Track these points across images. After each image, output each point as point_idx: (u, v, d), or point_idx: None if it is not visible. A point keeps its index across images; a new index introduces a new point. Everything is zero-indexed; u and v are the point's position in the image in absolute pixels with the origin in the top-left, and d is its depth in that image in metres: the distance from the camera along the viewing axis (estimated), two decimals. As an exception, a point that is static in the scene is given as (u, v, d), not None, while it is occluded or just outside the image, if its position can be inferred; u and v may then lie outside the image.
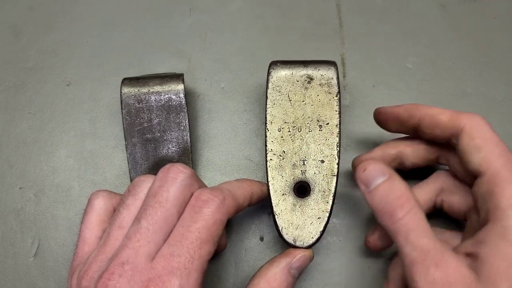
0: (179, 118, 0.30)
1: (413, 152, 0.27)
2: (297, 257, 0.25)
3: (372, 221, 0.31)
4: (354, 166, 0.29)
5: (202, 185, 0.25)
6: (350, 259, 0.30)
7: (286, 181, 0.27)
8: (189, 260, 0.21)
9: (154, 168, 0.30)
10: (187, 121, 0.30)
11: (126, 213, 0.23)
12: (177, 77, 0.31)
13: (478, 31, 0.36)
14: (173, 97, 0.30)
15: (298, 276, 0.26)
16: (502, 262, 0.20)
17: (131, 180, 0.30)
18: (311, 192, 0.27)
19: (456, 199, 0.26)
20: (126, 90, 0.30)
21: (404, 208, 0.22)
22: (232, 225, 0.31)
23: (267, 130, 0.28)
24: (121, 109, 0.30)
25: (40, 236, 0.31)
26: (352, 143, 0.33)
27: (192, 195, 0.23)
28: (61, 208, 0.32)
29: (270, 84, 0.29)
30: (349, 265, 0.30)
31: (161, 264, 0.20)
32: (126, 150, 0.30)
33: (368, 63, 0.35)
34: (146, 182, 0.24)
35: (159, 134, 0.30)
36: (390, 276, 0.26)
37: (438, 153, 0.27)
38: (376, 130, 0.30)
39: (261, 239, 0.31)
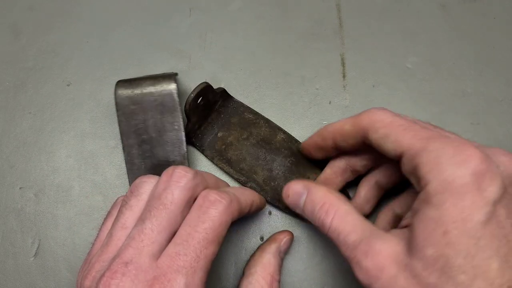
0: (173, 118, 0.30)
1: (360, 161, 0.28)
2: (284, 240, 0.28)
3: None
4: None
5: (206, 185, 0.24)
6: (350, 259, 0.30)
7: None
8: (195, 259, 0.21)
9: (152, 168, 0.30)
10: (181, 121, 0.30)
11: (129, 213, 0.23)
12: (169, 77, 0.31)
13: (478, 31, 0.36)
14: (166, 97, 0.30)
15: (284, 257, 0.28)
16: (427, 228, 0.19)
17: (129, 181, 0.30)
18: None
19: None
20: (120, 92, 0.30)
21: (329, 214, 0.23)
22: (232, 225, 0.31)
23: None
24: (116, 111, 0.30)
25: (40, 236, 0.31)
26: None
27: (196, 196, 0.23)
28: (61, 208, 0.32)
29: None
30: (348, 265, 0.30)
31: (166, 262, 0.20)
32: (123, 152, 0.30)
33: (368, 63, 0.35)
34: (148, 183, 0.24)
35: (154, 135, 0.30)
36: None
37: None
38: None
39: (261, 239, 0.31)
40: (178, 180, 0.23)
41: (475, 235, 0.18)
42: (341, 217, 0.23)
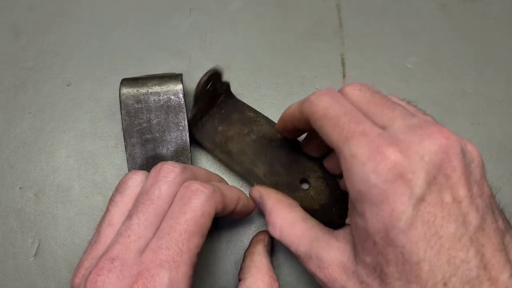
0: (178, 118, 0.30)
1: None
2: (266, 240, 0.28)
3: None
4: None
5: (195, 179, 0.24)
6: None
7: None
8: (178, 252, 0.20)
9: (154, 168, 0.30)
10: (186, 121, 0.30)
11: (115, 210, 0.23)
12: (176, 77, 0.31)
13: (478, 31, 0.36)
14: (172, 97, 0.30)
15: None
16: (361, 237, 0.19)
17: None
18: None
19: None
20: (125, 90, 0.30)
21: (276, 226, 0.25)
22: (232, 224, 0.31)
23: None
24: (120, 109, 0.30)
25: (40, 236, 0.31)
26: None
27: None
28: (61, 208, 0.32)
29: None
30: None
31: (149, 257, 0.20)
32: (126, 151, 0.30)
33: (368, 63, 0.35)
34: (132, 179, 0.24)
35: (158, 135, 0.30)
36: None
37: None
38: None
39: (261, 239, 0.31)
40: (165, 176, 0.23)
41: (399, 244, 0.18)
42: (288, 228, 0.24)
